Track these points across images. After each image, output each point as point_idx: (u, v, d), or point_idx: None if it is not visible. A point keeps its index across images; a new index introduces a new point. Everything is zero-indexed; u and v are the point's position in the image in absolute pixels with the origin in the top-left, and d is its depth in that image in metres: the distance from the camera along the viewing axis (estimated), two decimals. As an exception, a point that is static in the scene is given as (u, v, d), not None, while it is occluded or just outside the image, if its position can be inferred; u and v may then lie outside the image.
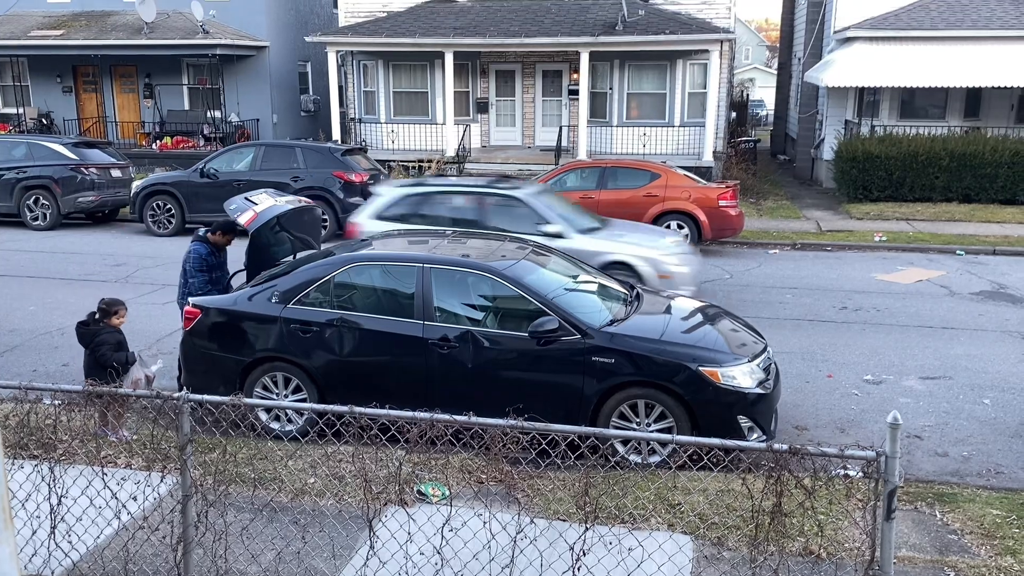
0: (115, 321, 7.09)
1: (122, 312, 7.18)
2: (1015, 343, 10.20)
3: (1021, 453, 7.27)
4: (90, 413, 5.61)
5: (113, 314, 7.08)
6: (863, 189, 19.77)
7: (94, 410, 6.01)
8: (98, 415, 6.34)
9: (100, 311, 7.11)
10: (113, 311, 7.09)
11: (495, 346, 7.02)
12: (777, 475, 3.82)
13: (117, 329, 7.14)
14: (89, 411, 5.47)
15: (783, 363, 8.48)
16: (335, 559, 4.98)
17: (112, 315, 7.07)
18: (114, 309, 7.11)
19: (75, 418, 4.76)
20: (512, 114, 24.94)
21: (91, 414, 5.74)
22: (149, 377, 7.09)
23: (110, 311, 7.08)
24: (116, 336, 7.11)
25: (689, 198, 15.27)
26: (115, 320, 7.09)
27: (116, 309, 7.12)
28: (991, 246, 15.89)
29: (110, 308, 7.10)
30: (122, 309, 7.19)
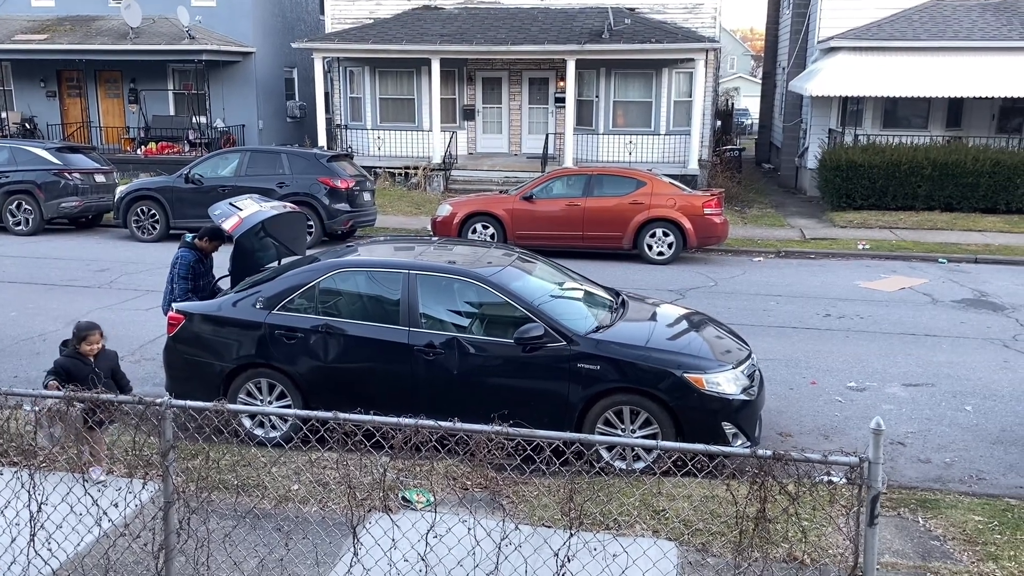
0: (84, 348, 6.03)
1: (92, 338, 6.06)
2: (996, 350, 10.29)
3: (1003, 459, 7.32)
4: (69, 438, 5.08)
5: (82, 340, 6.03)
6: (847, 197, 19.92)
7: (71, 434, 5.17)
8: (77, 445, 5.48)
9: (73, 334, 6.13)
10: (82, 336, 6.04)
11: (481, 353, 7.02)
12: (761, 481, 3.83)
13: (82, 358, 6.05)
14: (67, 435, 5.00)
15: (767, 370, 8.53)
16: (318, 566, 4.95)
17: (81, 341, 6.04)
18: (83, 334, 6.05)
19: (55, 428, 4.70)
20: (499, 121, 24.99)
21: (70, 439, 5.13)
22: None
23: (80, 335, 6.06)
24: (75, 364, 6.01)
25: (674, 206, 15.34)
26: (84, 347, 6.03)
27: (85, 334, 6.05)
28: (973, 254, 16.04)
29: (79, 332, 6.08)
30: (92, 335, 6.07)
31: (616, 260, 15.40)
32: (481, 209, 15.86)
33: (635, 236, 15.34)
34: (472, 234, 15.70)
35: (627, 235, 15.34)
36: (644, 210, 15.30)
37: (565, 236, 15.44)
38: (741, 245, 16.92)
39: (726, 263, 15.73)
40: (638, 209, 15.33)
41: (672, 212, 15.28)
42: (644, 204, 15.35)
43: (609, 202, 15.48)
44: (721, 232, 15.65)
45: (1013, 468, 7.17)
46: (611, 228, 15.36)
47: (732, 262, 15.86)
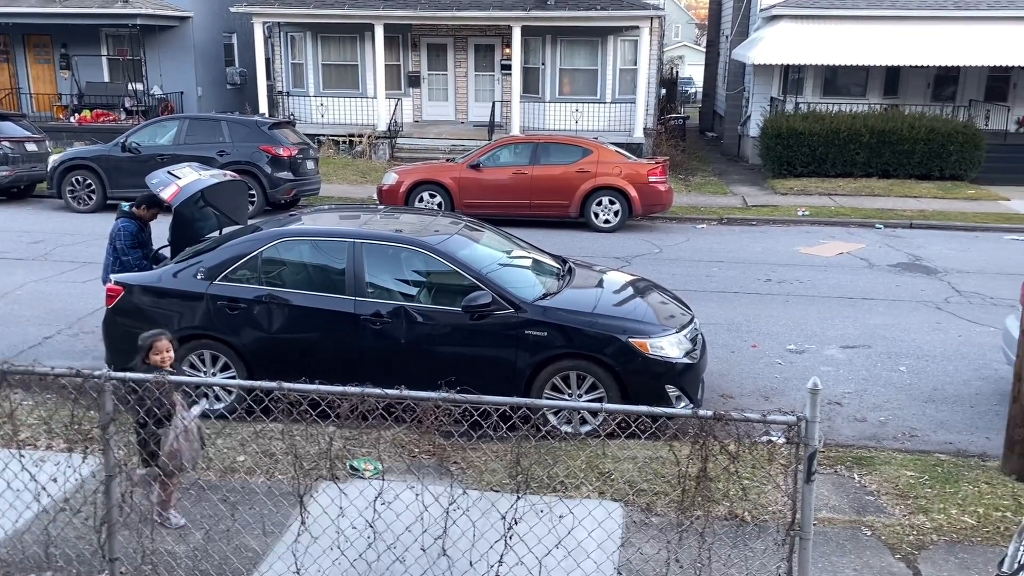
0: (154, 359, 5.02)
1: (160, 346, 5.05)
2: (930, 312, 10.64)
3: (934, 417, 7.61)
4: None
5: (148, 350, 5.03)
6: (787, 165, 20.25)
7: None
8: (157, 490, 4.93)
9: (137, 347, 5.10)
10: (147, 346, 5.04)
11: (428, 321, 7.01)
12: (702, 441, 3.91)
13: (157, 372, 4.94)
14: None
15: (710, 334, 8.69)
16: (266, 536, 4.94)
17: (148, 351, 5.04)
18: (148, 343, 5.05)
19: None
20: (445, 88, 24.74)
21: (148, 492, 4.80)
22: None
23: (144, 345, 5.06)
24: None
25: (620, 174, 15.43)
26: (153, 358, 5.02)
27: (151, 343, 5.04)
28: (908, 220, 16.50)
29: (144, 342, 5.07)
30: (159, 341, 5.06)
31: (563, 228, 15.46)
32: (428, 177, 15.74)
33: (582, 204, 15.40)
34: (419, 203, 15.58)
35: (574, 203, 15.40)
36: (590, 178, 15.36)
37: (512, 204, 15.43)
38: (685, 212, 17.12)
39: (671, 230, 15.92)
40: (585, 177, 15.38)
41: (618, 180, 15.37)
42: (590, 172, 15.40)
43: (556, 170, 15.50)
44: (666, 200, 15.81)
45: (944, 425, 7.45)
46: (558, 196, 15.40)
47: (676, 229, 16.05)
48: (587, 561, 4.40)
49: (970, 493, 5.84)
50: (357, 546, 4.46)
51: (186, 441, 4.84)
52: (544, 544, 4.31)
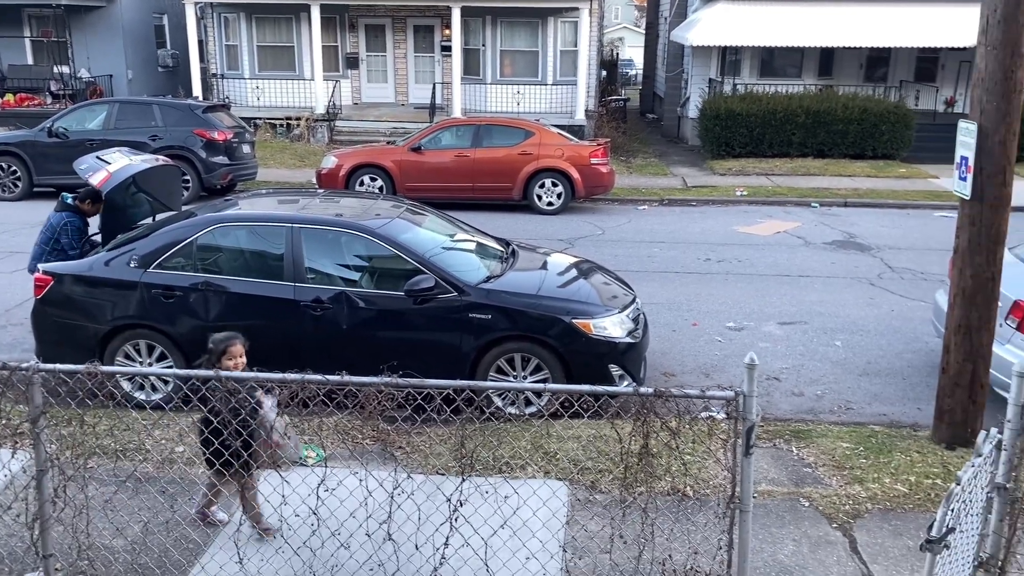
0: (227, 365, 4.78)
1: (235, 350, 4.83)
2: (863, 288, 10.94)
3: (868, 390, 7.83)
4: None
5: (222, 354, 4.80)
6: (726, 146, 20.54)
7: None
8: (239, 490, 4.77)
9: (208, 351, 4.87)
10: (221, 350, 4.80)
11: (371, 306, 6.95)
12: (644, 418, 3.96)
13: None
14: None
15: (652, 313, 8.79)
16: (207, 527, 4.85)
17: (221, 356, 4.80)
18: (223, 347, 4.80)
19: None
20: (384, 70, 24.42)
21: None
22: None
23: (217, 349, 4.82)
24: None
25: (562, 156, 15.46)
26: (226, 363, 4.79)
27: (225, 347, 4.80)
28: (843, 198, 16.89)
29: (217, 346, 4.83)
30: (234, 345, 4.84)
31: (507, 211, 15.45)
32: (368, 161, 15.56)
33: (525, 186, 15.40)
34: (359, 186, 15.40)
35: (517, 186, 15.39)
36: (533, 160, 15.37)
37: (455, 187, 15.36)
38: (627, 194, 17.25)
39: (613, 212, 16.03)
40: (527, 160, 15.38)
41: (560, 162, 15.41)
42: (533, 154, 15.40)
43: (498, 153, 15.46)
44: (608, 182, 15.91)
45: (878, 397, 7.68)
46: (501, 179, 15.37)
47: (619, 211, 16.17)
48: (532, 540, 4.43)
49: (903, 462, 6.03)
50: (301, 534, 4.41)
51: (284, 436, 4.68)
52: (490, 525, 4.33)
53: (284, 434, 4.68)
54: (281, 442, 4.61)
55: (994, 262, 6.00)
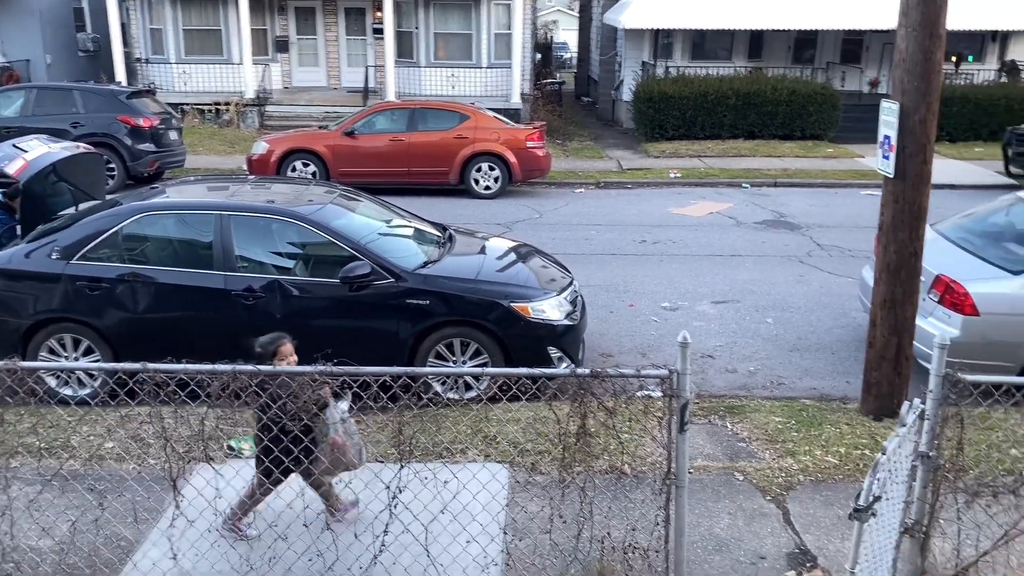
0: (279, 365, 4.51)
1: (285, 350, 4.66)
2: (793, 266, 11.20)
3: (799, 365, 8.04)
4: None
5: (273, 355, 4.59)
6: (659, 128, 20.76)
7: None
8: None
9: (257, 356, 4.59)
10: (272, 351, 4.61)
11: (305, 294, 6.84)
12: (580, 398, 3.99)
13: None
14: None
15: (589, 295, 8.85)
16: (139, 524, 4.73)
17: (272, 357, 4.59)
18: (273, 347, 4.62)
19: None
20: (315, 54, 23.96)
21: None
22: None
23: (267, 351, 4.61)
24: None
25: (498, 140, 15.42)
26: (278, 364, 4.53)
27: (275, 347, 4.62)
28: (772, 179, 17.25)
29: (267, 348, 4.62)
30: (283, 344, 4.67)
31: (444, 195, 15.36)
32: (300, 146, 15.28)
33: (461, 171, 15.33)
34: (292, 172, 15.12)
35: (453, 170, 15.30)
36: (469, 144, 15.29)
37: (390, 172, 15.20)
38: (564, 177, 17.32)
39: (550, 195, 16.08)
40: (463, 143, 15.29)
41: (497, 146, 15.36)
42: (469, 138, 15.33)
43: (434, 136, 15.34)
44: (544, 165, 15.94)
45: (808, 372, 7.88)
46: (437, 163, 15.26)
47: (556, 194, 16.23)
48: (473, 524, 4.44)
49: (832, 434, 6.21)
50: (237, 527, 4.32)
51: (347, 436, 4.49)
52: (430, 510, 4.31)
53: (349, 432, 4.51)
54: (341, 442, 4.46)
55: (917, 238, 6.20)
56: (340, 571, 4.26)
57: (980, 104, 21.01)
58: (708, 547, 4.80)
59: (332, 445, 4.39)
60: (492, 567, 4.45)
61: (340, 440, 4.42)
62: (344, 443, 4.44)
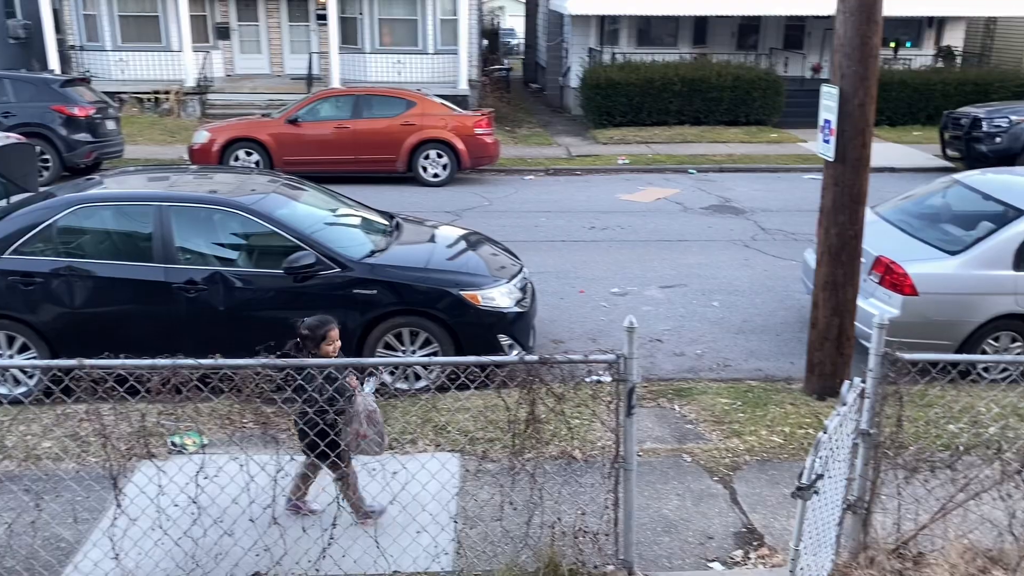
0: (326, 350, 4.61)
1: (334, 334, 4.66)
2: (738, 250, 11.35)
3: (745, 347, 8.16)
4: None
5: (322, 339, 4.59)
6: (607, 115, 20.83)
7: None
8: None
9: (303, 337, 4.62)
10: (322, 335, 4.59)
11: (249, 286, 6.71)
12: (529, 385, 3.99)
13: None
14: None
15: (540, 282, 8.87)
16: (79, 524, 4.60)
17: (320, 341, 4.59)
18: (323, 331, 4.61)
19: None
20: (257, 40, 23.49)
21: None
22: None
23: (317, 335, 4.60)
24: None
25: (446, 127, 15.32)
26: (326, 348, 4.61)
27: (325, 332, 4.61)
28: (718, 164, 17.45)
29: (316, 332, 4.61)
30: (332, 329, 4.66)
31: (391, 183, 15.22)
32: (243, 134, 14.98)
33: (409, 158, 15.19)
34: (234, 161, 14.83)
35: (400, 157, 15.16)
36: (416, 131, 15.16)
37: (336, 160, 15.00)
38: (513, 164, 17.29)
39: (499, 182, 16.04)
40: (410, 130, 15.16)
41: (444, 133, 15.26)
42: (416, 125, 15.19)
43: (380, 123, 15.17)
44: (493, 152, 15.88)
45: (754, 354, 8.01)
46: (384, 150, 15.11)
47: (505, 181, 16.19)
48: (423, 514, 4.41)
49: (777, 414, 6.32)
50: (181, 524, 4.24)
51: (372, 424, 4.42)
52: (379, 501, 4.27)
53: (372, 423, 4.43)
54: (362, 431, 4.38)
55: (857, 220, 6.32)
56: (288, 566, 4.21)
57: (918, 89, 21.51)
58: (657, 528, 4.85)
59: (355, 435, 4.36)
60: (443, 556, 4.43)
61: (364, 431, 4.38)
62: (366, 433, 4.38)
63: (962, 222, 7.73)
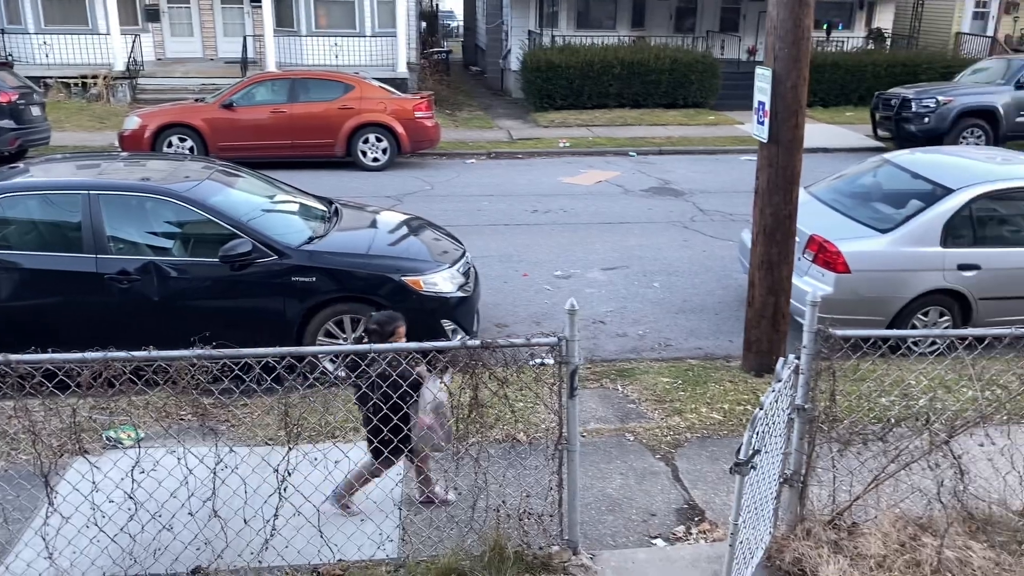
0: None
1: (401, 331, 4.65)
2: (678, 231, 11.50)
3: (685, 326, 8.29)
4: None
5: (390, 335, 4.57)
6: (548, 98, 20.84)
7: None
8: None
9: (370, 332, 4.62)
10: (390, 331, 4.57)
11: (184, 275, 6.56)
12: (472, 370, 3.98)
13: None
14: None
15: (483, 266, 8.86)
16: (9, 525, 4.46)
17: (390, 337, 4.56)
18: (391, 328, 4.58)
19: None
20: (189, 23, 22.85)
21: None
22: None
23: (385, 331, 4.57)
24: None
25: (385, 110, 15.14)
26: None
27: (393, 328, 4.59)
28: (657, 147, 17.62)
29: (385, 328, 4.58)
30: (399, 325, 4.65)
31: (330, 168, 15.00)
32: (175, 120, 14.59)
33: (347, 142, 14.99)
34: (167, 148, 14.44)
35: (339, 141, 14.95)
36: (355, 115, 14.95)
37: (272, 145, 14.72)
38: (454, 148, 17.20)
39: (441, 166, 15.94)
40: (348, 114, 14.94)
41: (384, 116, 15.09)
42: (354, 109, 14.98)
43: (317, 107, 14.92)
44: (433, 135, 15.76)
45: (694, 333, 8.14)
46: (321, 135, 14.87)
47: (446, 165, 16.10)
48: (366, 502, 4.38)
49: (717, 392, 6.45)
50: (118, 520, 4.13)
51: (438, 416, 4.33)
52: (321, 492, 4.23)
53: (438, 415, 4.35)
54: (429, 422, 4.30)
55: (791, 200, 6.45)
56: (231, 559, 4.15)
57: (850, 70, 22.01)
58: (601, 508, 4.91)
59: (420, 425, 4.31)
60: (388, 543, 4.42)
61: (428, 420, 4.34)
62: (432, 423, 4.33)
63: (892, 201, 7.95)
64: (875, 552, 4.30)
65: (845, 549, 4.33)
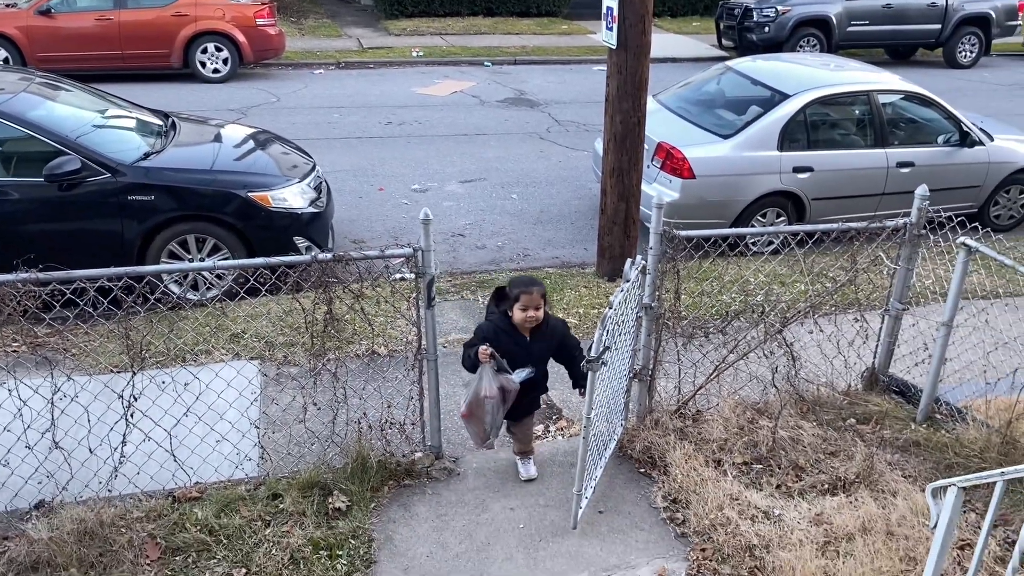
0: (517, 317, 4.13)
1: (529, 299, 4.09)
2: (534, 143, 11.54)
3: (542, 236, 8.41)
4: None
5: (515, 300, 4.10)
6: (398, 4, 20.14)
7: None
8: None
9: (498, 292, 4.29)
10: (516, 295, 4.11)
11: (6, 197, 6.05)
12: (324, 284, 3.91)
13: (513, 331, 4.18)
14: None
15: (337, 182, 8.62)
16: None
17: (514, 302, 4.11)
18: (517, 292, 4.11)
19: None
20: (-9, -82, 20.40)
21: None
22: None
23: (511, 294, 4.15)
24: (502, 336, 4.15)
25: (224, 17, 14.19)
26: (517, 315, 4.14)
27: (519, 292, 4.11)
28: (512, 56, 17.45)
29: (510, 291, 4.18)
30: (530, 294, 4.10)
31: (167, 81, 14.01)
32: (-15, 28, 13.16)
33: (184, 52, 14.00)
34: (-22, 60, 13.05)
35: (175, 52, 13.94)
36: (190, 23, 13.94)
37: (100, 56, 13.55)
38: (300, 58, 16.41)
39: (287, 77, 15.21)
40: (183, 22, 13.91)
41: (223, 24, 14.14)
42: (189, 16, 13.96)
43: (148, 15, 13.80)
44: (277, 44, 14.98)
45: (551, 243, 8.28)
46: (154, 45, 13.80)
47: (293, 76, 15.38)
48: (221, 423, 4.28)
49: (573, 297, 6.63)
50: (-54, 461, 3.86)
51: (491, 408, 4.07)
52: (172, 415, 4.09)
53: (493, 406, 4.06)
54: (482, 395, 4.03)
55: (639, 107, 6.57)
56: (77, 490, 3.97)
57: (696, -20, 22.38)
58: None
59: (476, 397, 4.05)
60: (247, 463, 4.35)
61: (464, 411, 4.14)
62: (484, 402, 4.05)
63: (734, 107, 8.26)
64: (717, 436, 4.62)
65: (690, 435, 4.63)
